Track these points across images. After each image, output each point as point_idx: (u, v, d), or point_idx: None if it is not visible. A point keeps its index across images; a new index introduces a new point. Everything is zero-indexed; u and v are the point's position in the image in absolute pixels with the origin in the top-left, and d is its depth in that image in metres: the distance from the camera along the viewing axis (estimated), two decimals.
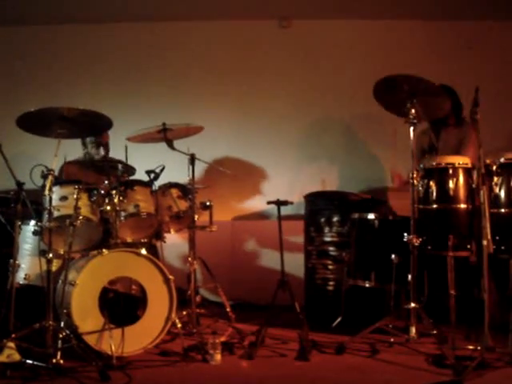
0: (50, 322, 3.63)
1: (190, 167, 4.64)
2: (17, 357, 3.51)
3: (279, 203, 4.58)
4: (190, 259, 4.64)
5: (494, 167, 3.99)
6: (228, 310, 4.89)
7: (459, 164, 4.19)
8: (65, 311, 3.80)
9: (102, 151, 5.31)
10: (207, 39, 6.31)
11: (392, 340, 4.19)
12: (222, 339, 4.14)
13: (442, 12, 5.96)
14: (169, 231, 4.82)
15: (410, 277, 4.14)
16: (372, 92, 4.29)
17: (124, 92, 6.22)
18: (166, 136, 4.68)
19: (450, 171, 4.18)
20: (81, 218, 4.08)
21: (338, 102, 6.16)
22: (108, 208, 4.29)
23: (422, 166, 4.29)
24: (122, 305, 4.02)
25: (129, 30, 6.28)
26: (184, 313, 4.51)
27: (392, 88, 4.21)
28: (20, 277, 4.15)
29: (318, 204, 5.26)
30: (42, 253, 3.77)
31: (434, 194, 4.21)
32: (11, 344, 3.54)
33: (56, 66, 6.25)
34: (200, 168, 4.92)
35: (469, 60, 5.99)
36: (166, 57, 6.31)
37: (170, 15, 6.15)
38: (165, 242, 4.81)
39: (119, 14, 6.12)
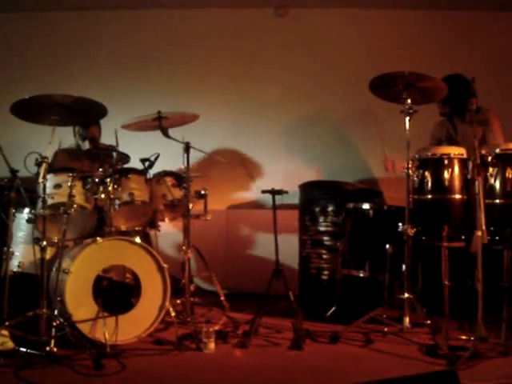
0: (44, 310, 3.63)
1: (185, 155, 4.63)
2: (10, 344, 3.53)
3: (274, 192, 4.57)
4: (184, 248, 4.64)
5: (490, 158, 3.99)
6: (222, 298, 4.89)
7: (454, 154, 4.19)
8: (58, 299, 3.79)
9: (86, 145, 5.29)
10: (203, 27, 6.26)
11: (386, 330, 4.21)
12: (216, 328, 4.14)
13: (441, 2, 5.93)
14: (163, 220, 4.81)
15: (404, 267, 4.15)
16: (368, 86, 4.29)
17: (119, 80, 6.18)
18: (160, 124, 4.67)
19: (446, 162, 4.18)
20: (75, 205, 4.07)
21: (334, 92, 6.13)
22: (102, 196, 4.27)
23: (417, 156, 4.29)
24: (115, 293, 4.01)
25: (124, 17, 6.23)
26: (178, 301, 4.51)
27: (388, 83, 4.21)
28: (14, 264, 4.14)
29: (313, 193, 5.26)
30: (36, 240, 3.76)
31: (429, 184, 4.22)
32: (5, 332, 3.55)
33: (50, 53, 6.20)
34: (195, 156, 4.90)
35: (466, 50, 5.97)
36: (161, 45, 6.26)
37: (165, 3, 6.11)
38: (159, 230, 4.80)
39: (114, 2, 6.08)
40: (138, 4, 6.12)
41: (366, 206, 4.62)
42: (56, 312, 3.70)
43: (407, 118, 4.15)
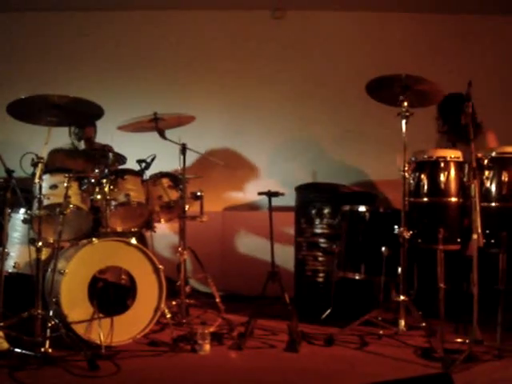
0: (39, 311, 3.62)
1: (181, 157, 4.63)
2: (5, 345, 3.51)
3: (270, 194, 4.58)
4: (180, 249, 4.63)
5: (486, 161, 4.00)
6: (217, 300, 4.87)
7: (451, 158, 4.20)
8: (54, 300, 3.79)
9: (82, 145, 5.30)
10: (200, 29, 6.26)
11: (381, 332, 4.20)
12: (212, 330, 4.14)
13: (438, 5, 5.93)
14: (159, 221, 4.80)
15: (399, 269, 4.15)
16: (365, 88, 4.29)
17: (115, 81, 6.18)
18: (157, 125, 4.67)
19: (442, 164, 4.19)
20: (71, 206, 4.07)
21: (330, 94, 6.14)
22: (98, 197, 4.27)
23: (413, 158, 4.29)
24: (111, 294, 4.00)
25: (120, 19, 6.23)
26: (173, 303, 4.50)
27: (385, 85, 4.21)
28: (9, 265, 4.14)
29: (309, 196, 5.25)
30: (32, 241, 3.76)
31: (425, 187, 4.23)
32: None
33: (47, 54, 6.20)
34: (191, 158, 4.90)
35: (463, 54, 5.98)
36: (158, 46, 6.26)
37: (162, 4, 6.10)
38: (155, 231, 4.79)
39: (110, 3, 6.07)
40: (136, 5, 6.11)
41: (362, 208, 4.62)
42: (51, 313, 3.69)
43: (404, 121, 4.16)
